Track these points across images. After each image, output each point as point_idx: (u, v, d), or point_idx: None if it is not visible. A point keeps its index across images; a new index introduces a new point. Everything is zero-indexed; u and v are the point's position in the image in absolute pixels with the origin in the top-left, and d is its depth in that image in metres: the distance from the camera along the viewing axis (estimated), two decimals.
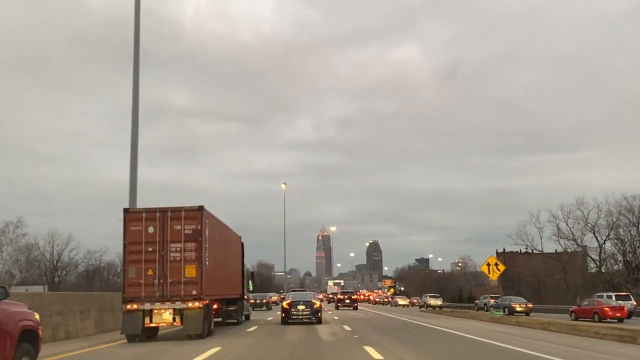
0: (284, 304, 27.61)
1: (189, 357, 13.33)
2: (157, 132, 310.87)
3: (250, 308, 34.55)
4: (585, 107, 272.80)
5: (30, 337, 8.12)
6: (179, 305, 18.05)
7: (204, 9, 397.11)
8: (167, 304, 18.04)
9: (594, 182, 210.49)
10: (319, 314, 27.17)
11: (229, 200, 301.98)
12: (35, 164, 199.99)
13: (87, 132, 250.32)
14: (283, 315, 26.89)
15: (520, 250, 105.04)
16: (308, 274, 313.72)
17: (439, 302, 62.21)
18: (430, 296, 65.89)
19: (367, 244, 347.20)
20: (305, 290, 35.34)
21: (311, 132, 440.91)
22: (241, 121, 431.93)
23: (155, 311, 18.09)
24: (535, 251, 76.66)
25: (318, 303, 27.81)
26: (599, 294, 41.05)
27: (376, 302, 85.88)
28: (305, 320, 26.65)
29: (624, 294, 41.09)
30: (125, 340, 18.00)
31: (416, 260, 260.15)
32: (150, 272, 18.15)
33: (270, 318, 32.69)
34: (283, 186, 76.53)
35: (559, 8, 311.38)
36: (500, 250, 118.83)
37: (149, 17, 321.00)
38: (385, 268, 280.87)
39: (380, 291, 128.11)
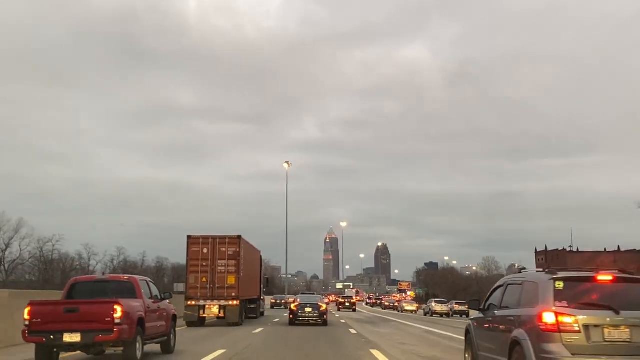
0: (292, 306, 29.19)
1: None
2: (163, 131, 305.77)
3: (266, 306, 42.24)
4: (597, 109, 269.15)
5: (174, 319, 15.99)
6: (223, 302, 26.20)
7: (207, 3, 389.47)
8: (215, 302, 26.17)
9: (605, 186, 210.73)
10: (325, 316, 28.22)
11: (235, 200, 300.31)
12: (40, 162, 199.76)
13: (91, 131, 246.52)
14: (291, 316, 28.25)
15: (564, 248, 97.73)
16: (315, 276, 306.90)
17: (445, 308, 54.77)
18: (436, 302, 57.40)
19: (378, 245, 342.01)
20: (314, 294, 40.69)
21: (317, 132, 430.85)
22: (246, 121, 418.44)
23: (207, 306, 26.25)
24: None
25: (324, 306, 28.92)
26: None
27: (386, 307, 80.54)
28: (311, 322, 27.82)
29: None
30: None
31: (425, 264, 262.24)
32: (204, 280, 26.34)
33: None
34: (285, 165, 69.12)
35: (571, 7, 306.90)
36: (541, 248, 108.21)
37: (152, 11, 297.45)
38: (396, 271, 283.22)
39: (397, 295, 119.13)
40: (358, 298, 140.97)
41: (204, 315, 26.64)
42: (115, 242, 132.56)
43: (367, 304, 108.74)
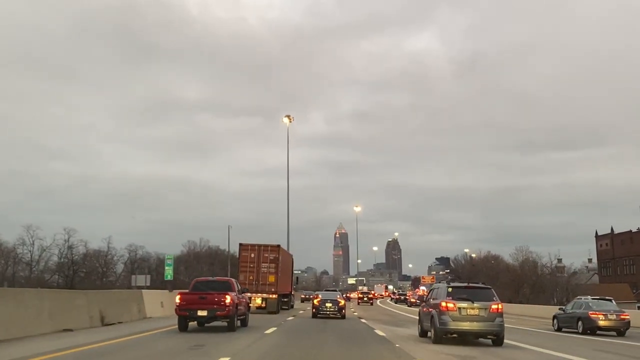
0: (315, 301, 33.40)
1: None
2: (168, 127, 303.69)
3: (295, 300, 51.12)
4: (610, 101, 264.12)
5: (248, 305, 24.84)
6: (265, 296, 35.09)
7: None
8: (259, 295, 35.07)
9: (617, 180, 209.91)
10: (343, 311, 32.27)
11: (242, 196, 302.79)
12: (44, 159, 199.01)
13: (95, 127, 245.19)
14: (314, 310, 32.41)
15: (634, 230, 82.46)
16: (325, 272, 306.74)
17: None
18: None
19: (389, 240, 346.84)
20: (336, 291, 45.05)
21: (325, 126, 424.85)
22: (252, 115, 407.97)
23: (253, 298, 35.09)
24: None
25: (343, 301, 33.02)
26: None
27: (412, 304, 71.88)
28: (331, 315, 31.71)
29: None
30: None
31: (437, 259, 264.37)
32: (251, 278, 35.28)
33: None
34: (286, 120, 59.68)
35: None
36: (603, 232, 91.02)
37: (154, 3, 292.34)
38: (410, 265, 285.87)
39: (424, 290, 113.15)
40: (388, 293, 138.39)
41: (250, 305, 35.57)
42: (119, 239, 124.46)
43: (391, 299, 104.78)
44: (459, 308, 15.70)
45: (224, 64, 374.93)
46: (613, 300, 28.30)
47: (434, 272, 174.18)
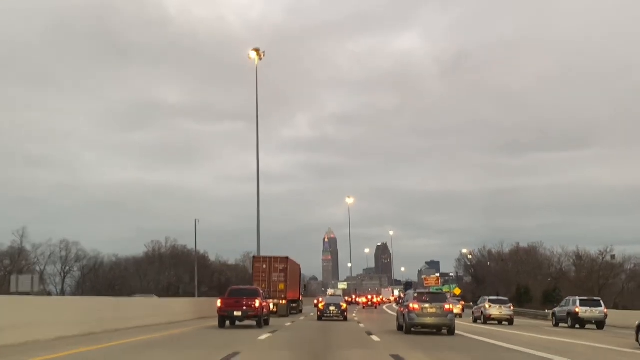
0: (320, 305, 37.13)
1: None
2: (149, 132, 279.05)
3: (304, 305, 57.32)
4: (599, 101, 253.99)
5: (269, 308, 31.54)
6: (276, 301, 41.43)
7: None
8: (271, 300, 41.35)
9: (605, 181, 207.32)
10: (345, 313, 35.84)
11: (227, 202, 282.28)
12: (24, 166, 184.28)
13: (76, 132, 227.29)
14: (318, 313, 36.07)
15: None
16: (314, 278, 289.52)
17: (507, 311, 37.86)
18: (490, 301, 39.21)
19: (378, 244, 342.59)
20: (340, 296, 50.20)
21: (309, 130, 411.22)
22: (235, 119, 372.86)
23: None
24: None
25: (345, 305, 36.79)
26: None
27: None
28: (334, 318, 34.97)
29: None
30: None
31: (426, 262, 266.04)
32: (263, 286, 41.78)
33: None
34: (253, 54, 48.88)
35: None
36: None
37: (131, 2, 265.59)
38: (402, 269, 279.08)
39: None
40: (395, 297, 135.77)
41: None
42: (102, 246, 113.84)
43: (397, 304, 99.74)
44: (422, 308, 22.74)
45: (205, 66, 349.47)
46: None
47: (424, 276, 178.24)
